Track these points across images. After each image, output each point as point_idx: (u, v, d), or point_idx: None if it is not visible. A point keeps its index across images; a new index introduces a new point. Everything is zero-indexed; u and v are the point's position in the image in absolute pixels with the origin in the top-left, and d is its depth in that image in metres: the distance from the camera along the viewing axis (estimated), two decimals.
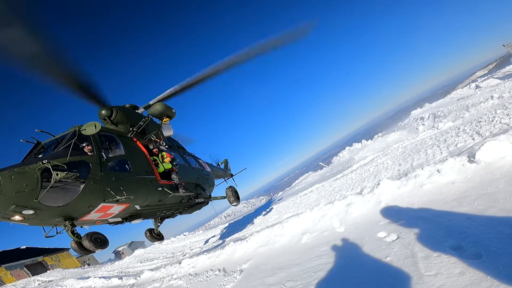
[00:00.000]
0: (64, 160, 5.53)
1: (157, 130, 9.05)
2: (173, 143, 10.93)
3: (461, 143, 8.60)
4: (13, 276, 33.52)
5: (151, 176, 7.80)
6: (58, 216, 5.66)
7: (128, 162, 7.21)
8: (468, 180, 5.47)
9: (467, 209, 4.45)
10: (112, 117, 8.01)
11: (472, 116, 12.47)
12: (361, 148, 26.47)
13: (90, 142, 6.43)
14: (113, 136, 7.40)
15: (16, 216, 5.02)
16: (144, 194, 7.41)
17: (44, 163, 5.16)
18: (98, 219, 6.75)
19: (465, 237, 3.67)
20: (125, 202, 6.78)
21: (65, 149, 5.88)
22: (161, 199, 8.17)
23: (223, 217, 72.76)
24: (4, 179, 4.69)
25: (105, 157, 6.52)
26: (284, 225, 7.99)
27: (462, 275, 3.02)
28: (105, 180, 6.28)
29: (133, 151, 7.77)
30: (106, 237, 6.44)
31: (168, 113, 8.97)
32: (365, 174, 11.71)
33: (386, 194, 6.53)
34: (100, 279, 16.18)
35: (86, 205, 6.00)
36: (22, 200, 4.90)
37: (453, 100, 23.10)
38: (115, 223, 7.76)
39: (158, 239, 10.37)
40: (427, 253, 3.71)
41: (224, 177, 15.28)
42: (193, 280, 8.35)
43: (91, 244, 5.97)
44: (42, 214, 5.30)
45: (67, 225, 5.94)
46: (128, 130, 8.27)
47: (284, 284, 5.06)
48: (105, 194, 6.19)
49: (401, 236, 4.56)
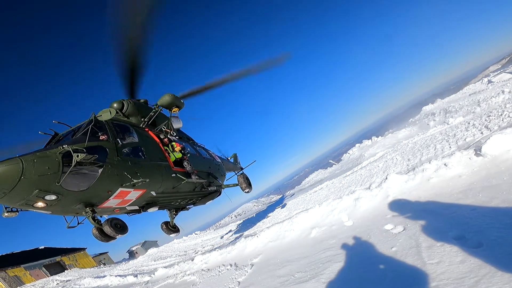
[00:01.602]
0: (83, 145, 5.72)
1: (167, 121, 9.34)
2: (183, 135, 11.19)
3: (470, 137, 8.60)
4: (32, 276, 34.43)
5: (165, 162, 8.04)
6: (79, 202, 5.83)
7: (142, 149, 7.44)
8: (474, 173, 5.54)
9: (471, 201, 4.54)
10: (124, 109, 8.32)
11: (483, 110, 12.37)
12: (371, 145, 26.31)
13: (106, 129, 6.70)
14: (126, 125, 7.65)
15: (39, 202, 5.18)
16: (159, 180, 7.59)
17: (65, 147, 5.35)
18: (117, 207, 6.93)
19: (468, 227, 3.79)
20: (142, 187, 6.97)
21: (83, 135, 6.10)
22: (175, 185, 8.35)
23: (234, 216, 73.17)
24: (26, 162, 4.83)
25: (120, 143, 6.74)
26: (294, 220, 8.16)
27: (462, 263, 3.16)
28: (122, 164, 6.48)
29: (146, 139, 8.01)
30: (125, 223, 6.56)
31: (177, 103, 9.16)
32: (374, 170, 11.75)
33: (393, 188, 6.63)
34: (116, 277, 16.67)
35: (105, 190, 6.16)
36: (45, 184, 5.04)
37: (465, 95, 22.76)
38: (132, 211, 7.95)
39: (174, 231, 10.49)
40: (431, 243, 3.84)
41: (234, 170, 15.31)
42: (206, 275, 8.61)
43: (112, 230, 6.06)
44: (64, 200, 5.47)
45: (88, 211, 6.07)
46: (139, 121, 8.59)
47: (293, 275, 5.25)
48: (122, 178, 6.38)
49: (407, 228, 4.69)
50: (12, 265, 33.69)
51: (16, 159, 4.81)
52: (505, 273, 2.73)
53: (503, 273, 2.74)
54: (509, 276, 2.66)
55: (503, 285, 2.57)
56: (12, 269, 33.41)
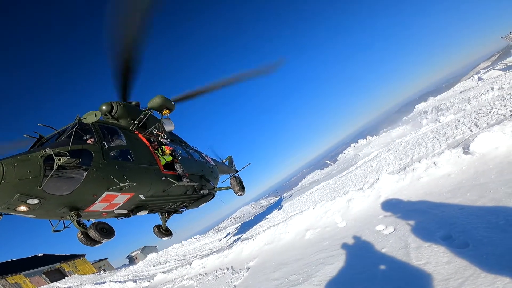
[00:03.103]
0: (66, 148, 5.60)
1: (158, 124, 9.20)
2: (175, 137, 11.08)
3: (459, 135, 8.69)
4: (33, 283, 34.10)
5: (154, 166, 7.88)
6: (63, 206, 5.70)
7: (130, 152, 7.30)
8: (463, 172, 5.61)
9: (459, 200, 4.61)
10: (113, 112, 8.21)
11: (473, 108, 12.51)
12: (366, 144, 26.49)
13: (92, 131, 6.60)
14: (114, 128, 7.53)
15: (21, 206, 5.07)
16: (147, 183, 7.46)
17: (47, 151, 5.24)
18: (104, 211, 6.79)
19: (455, 227, 3.86)
20: (129, 191, 6.80)
21: (67, 138, 6.00)
22: (166, 189, 8.20)
23: (232, 219, 73.02)
24: (7, 166, 4.75)
25: (107, 146, 6.62)
26: (289, 222, 8.23)
27: (448, 264, 3.22)
28: (108, 168, 6.34)
29: (135, 142, 7.88)
30: (112, 227, 6.46)
31: (168, 105, 9.04)
32: (368, 170, 11.85)
33: (385, 189, 6.71)
34: (116, 283, 16.61)
35: (90, 194, 6.02)
36: (26, 188, 4.94)
37: (456, 92, 23.05)
38: (121, 215, 7.81)
39: (166, 234, 10.30)
40: (419, 244, 3.91)
41: (229, 172, 15.19)
42: (203, 280, 8.66)
43: (97, 234, 5.95)
44: (47, 204, 5.35)
45: (72, 215, 5.92)
46: (129, 124, 8.43)
47: (287, 278, 5.31)
48: (109, 182, 6.23)
49: (397, 229, 4.76)
50: (12, 273, 33.37)
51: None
52: (489, 274, 2.76)
53: (487, 274, 2.78)
54: (492, 277, 2.69)
55: (486, 287, 2.61)
56: (12, 276, 33.11)
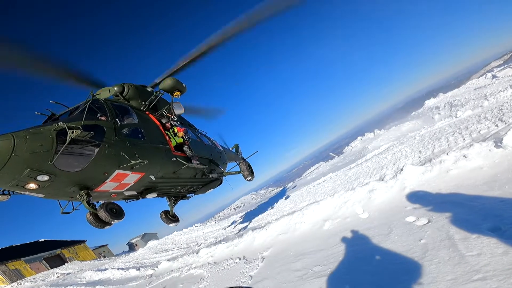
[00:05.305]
0: (79, 123, 5.41)
1: (168, 105, 9.07)
2: (184, 121, 10.94)
3: (484, 130, 8.42)
4: (33, 269, 34.40)
5: (165, 146, 7.78)
6: (73, 184, 5.52)
7: (142, 130, 7.18)
8: (496, 165, 5.36)
9: (499, 193, 4.36)
10: (124, 93, 8.09)
11: (492, 104, 12.20)
12: (373, 137, 26.19)
13: (104, 108, 6.44)
14: (126, 107, 7.39)
15: (31, 183, 4.89)
16: (158, 163, 7.33)
17: (60, 124, 5.07)
18: (114, 191, 6.65)
19: (503, 219, 3.61)
20: (140, 170, 6.67)
21: (80, 113, 5.86)
22: (175, 170, 8.09)
23: (233, 209, 73.29)
24: (18, 138, 4.56)
25: (119, 123, 6.46)
26: (304, 212, 7.98)
27: (506, 254, 2.98)
28: (120, 145, 6.18)
29: (146, 121, 7.76)
30: (121, 208, 6.31)
31: (179, 87, 8.70)
32: (382, 162, 11.58)
33: (410, 180, 6.44)
34: (118, 270, 16.53)
35: (102, 171, 5.85)
36: (37, 162, 4.75)
37: (469, 89, 22.63)
38: (130, 197, 7.70)
39: (174, 221, 10.24)
40: (465, 235, 3.65)
41: (236, 160, 15.10)
42: (214, 269, 8.43)
43: (107, 214, 5.81)
44: (57, 181, 5.16)
45: (82, 195, 5.75)
46: (140, 105, 8.33)
47: (311, 269, 5.07)
48: (120, 159, 6.07)
49: (432, 220, 4.50)
50: (12, 259, 33.60)
51: (7, 135, 4.53)
52: None
53: None
54: None
55: None
56: (12, 262, 33.34)
